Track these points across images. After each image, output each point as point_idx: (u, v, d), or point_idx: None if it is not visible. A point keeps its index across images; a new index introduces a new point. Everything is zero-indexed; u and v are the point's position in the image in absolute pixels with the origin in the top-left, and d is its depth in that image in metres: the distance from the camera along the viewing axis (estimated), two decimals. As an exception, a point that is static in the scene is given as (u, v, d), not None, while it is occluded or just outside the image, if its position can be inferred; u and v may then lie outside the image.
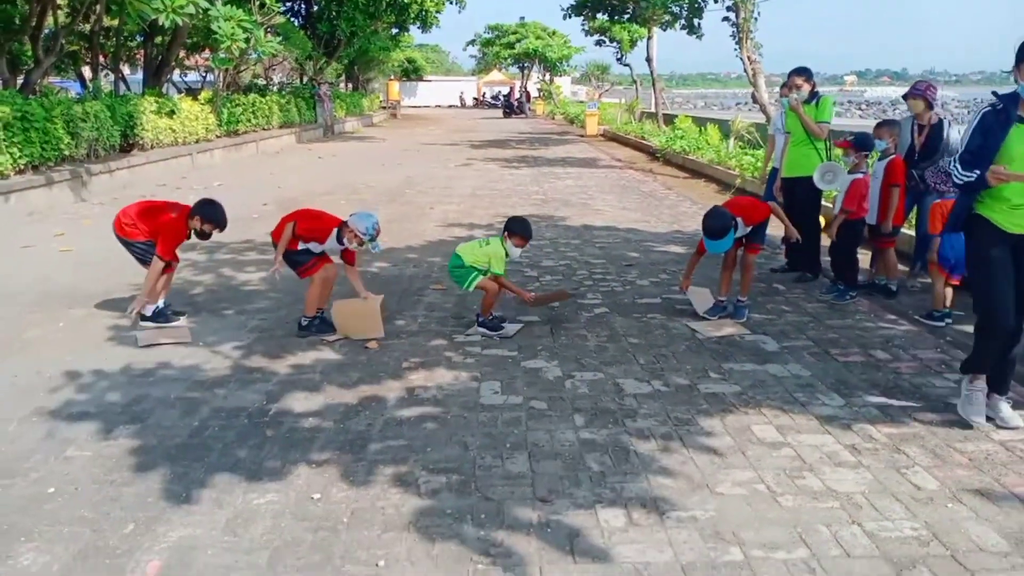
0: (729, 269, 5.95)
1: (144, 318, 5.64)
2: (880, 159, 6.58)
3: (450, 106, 65.16)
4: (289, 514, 3.22)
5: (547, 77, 58.61)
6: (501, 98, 57.05)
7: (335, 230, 5.38)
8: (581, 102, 40.35)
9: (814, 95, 7.06)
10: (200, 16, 13.96)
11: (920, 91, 6.71)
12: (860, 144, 6.33)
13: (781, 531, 3.07)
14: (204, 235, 5.65)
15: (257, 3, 18.34)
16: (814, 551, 2.94)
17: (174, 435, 3.95)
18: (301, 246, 5.43)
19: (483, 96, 66.53)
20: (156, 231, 5.57)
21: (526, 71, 61.74)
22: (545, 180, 15.09)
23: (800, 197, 7.04)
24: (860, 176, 6.35)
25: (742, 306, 5.91)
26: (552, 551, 2.95)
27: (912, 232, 7.32)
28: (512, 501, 3.30)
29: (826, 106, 7.06)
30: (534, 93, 56.53)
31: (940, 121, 6.66)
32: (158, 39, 20.18)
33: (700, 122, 20.95)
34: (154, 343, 5.29)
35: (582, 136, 28.87)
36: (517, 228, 5.52)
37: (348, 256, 5.57)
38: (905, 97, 6.92)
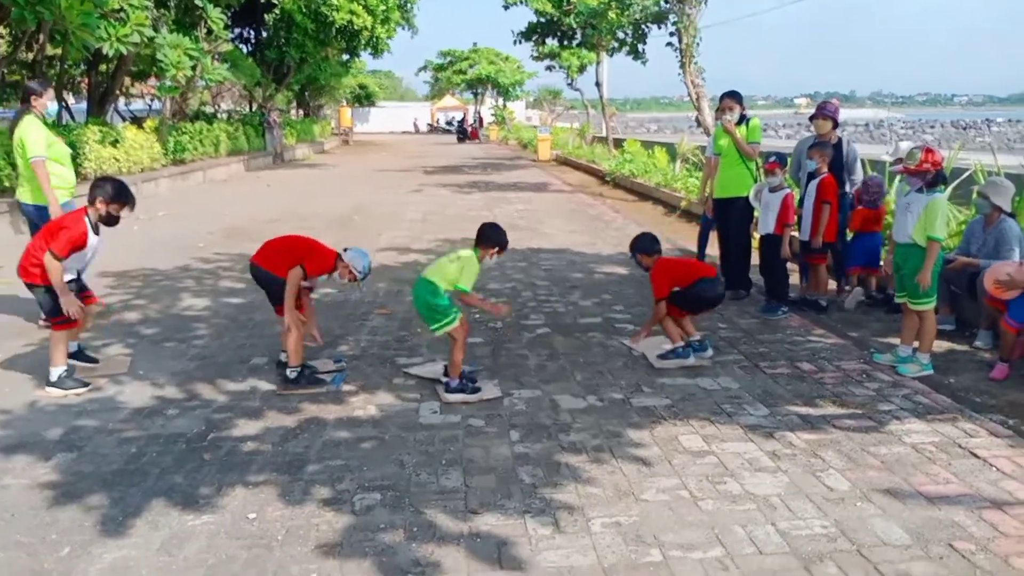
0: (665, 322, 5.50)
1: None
2: (811, 179, 6.87)
3: (404, 132, 65.36)
4: (224, 533, 3.28)
5: (500, 102, 59.21)
6: (455, 123, 57.41)
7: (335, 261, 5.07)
8: (534, 127, 40.79)
9: (743, 118, 7.35)
10: (145, 44, 13.97)
11: (830, 112, 7.14)
12: (784, 163, 6.66)
13: (699, 533, 3.22)
14: (112, 219, 5.00)
15: (204, 31, 18.36)
16: (729, 550, 3.09)
17: (111, 462, 3.97)
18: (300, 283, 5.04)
19: (437, 122, 66.88)
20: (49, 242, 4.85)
21: (479, 96, 62.36)
22: (496, 205, 15.27)
23: (734, 216, 7.30)
24: (788, 191, 6.64)
25: (681, 352, 5.40)
26: (480, 560, 3.05)
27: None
28: (444, 515, 3.40)
29: (755, 128, 7.36)
30: (488, 118, 57.04)
31: (840, 140, 7.09)
32: (103, 67, 20.02)
33: (648, 145, 21.39)
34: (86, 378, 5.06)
35: (535, 161, 29.21)
36: (492, 235, 4.93)
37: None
38: (812, 118, 7.29)
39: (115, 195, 4.95)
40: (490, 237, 4.91)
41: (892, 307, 6.56)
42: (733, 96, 7.42)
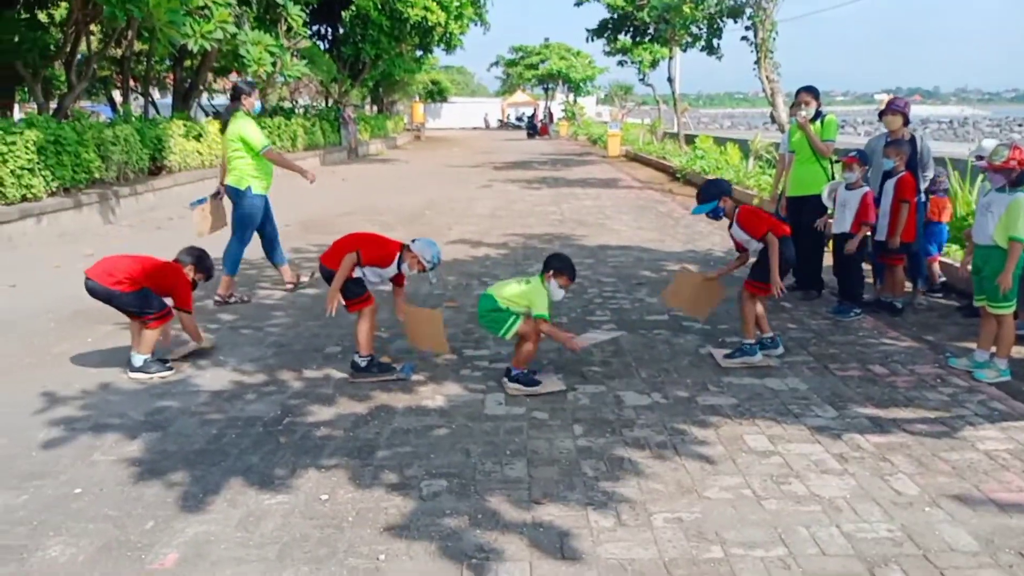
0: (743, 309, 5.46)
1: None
2: (889, 177, 6.71)
3: (474, 128, 65.80)
4: (298, 513, 3.43)
5: (571, 98, 59.09)
6: (525, 119, 57.54)
7: (398, 254, 5.12)
8: (605, 122, 40.63)
9: (819, 114, 7.22)
10: (228, 41, 14.47)
11: (900, 108, 6.94)
12: (864, 160, 6.50)
13: (762, 532, 3.22)
14: (193, 285, 5.65)
15: (284, 27, 18.88)
16: (791, 550, 3.09)
17: (193, 442, 4.18)
18: (357, 273, 5.06)
19: (507, 117, 67.14)
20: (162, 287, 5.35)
21: (550, 92, 62.33)
22: (564, 201, 15.31)
23: (807, 214, 7.18)
24: (867, 189, 6.49)
25: (748, 348, 5.37)
26: (542, 549, 3.12)
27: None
28: (508, 504, 3.48)
29: (831, 125, 7.22)
30: (558, 114, 57.01)
31: (913, 137, 6.87)
32: (187, 63, 20.76)
33: (721, 142, 21.11)
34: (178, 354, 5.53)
35: (604, 157, 29.11)
36: (560, 266, 4.83)
37: (398, 278, 5.33)
38: (882, 114, 7.10)
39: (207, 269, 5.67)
40: (558, 267, 4.83)
41: (969, 311, 6.38)
42: (809, 91, 7.30)
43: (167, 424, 4.41)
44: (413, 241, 5.18)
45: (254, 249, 7.69)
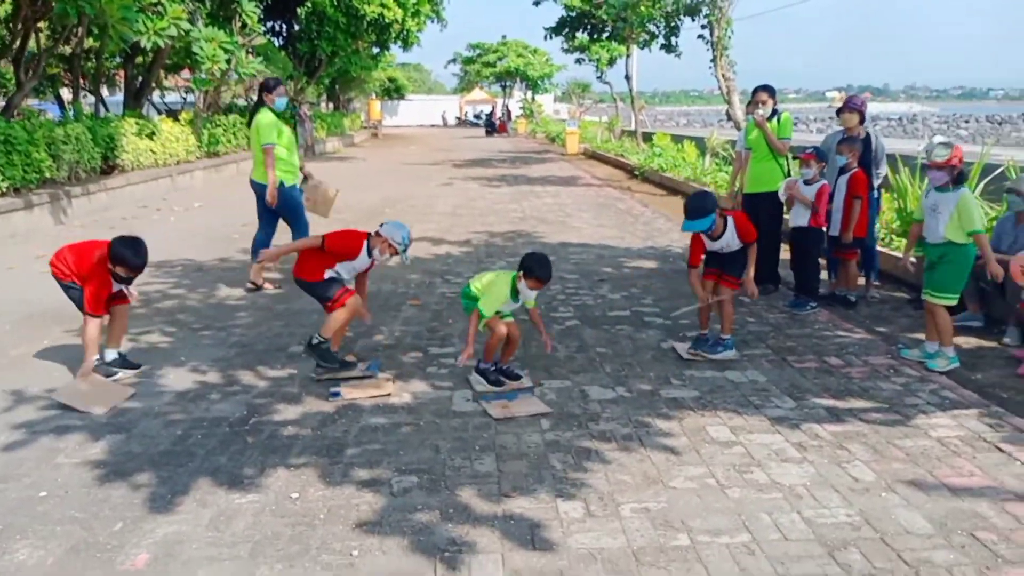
0: (705, 307, 5.58)
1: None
2: (842, 173, 6.89)
3: (432, 125, 65.61)
4: (269, 512, 3.43)
5: (529, 95, 59.22)
6: (483, 117, 57.53)
7: (364, 242, 5.05)
8: (563, 120, 40.81)
9: (775, 112, 7.38)
10: (181, 38, 14.24)
11: (857, 106, 7.14)
12: (821, 156, 6.68)
13: (726, 519, 3.32)
14: (125, 280, 5.03)
15: (239, 24, 18.62)
16: (755, 536, 3.19)
17: (158, 443, 4.15)
18: (328, 274, 4.99)
19: (465, 115, 67.04)
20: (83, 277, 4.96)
21: (508, 89, 62.39)
22: (524, 199, 15.37)
23: (764, 211, 7.32)
24: (825, 183, 6.66)
25: (724, 344, 5.49)
26: (514, 540, 3.18)
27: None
28: (478, 498, 3.53)
29: (787, 123, 7.38)
30: (516, 111, 57.10)
31: (868, 134, 7.07)
32: (139, 60, 20.37)
33: (678, 139, 21.37)
34: (70, 403, 4.61)
35: (563, 155, 29.24)
36: (535, 269, 4.71)
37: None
38: (839, 112, 7.29)
39: (121, 259, 4.83)
40: (533, 270, 4.72)
41: (919, 304, 6.60)
42: (766, 90, 7.44)
43: (131, 426, 4.37)
44: (381, 225, 5.09)
45: (195, 248, 7.61)
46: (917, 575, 2.94)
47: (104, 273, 4.87)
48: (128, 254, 4.83)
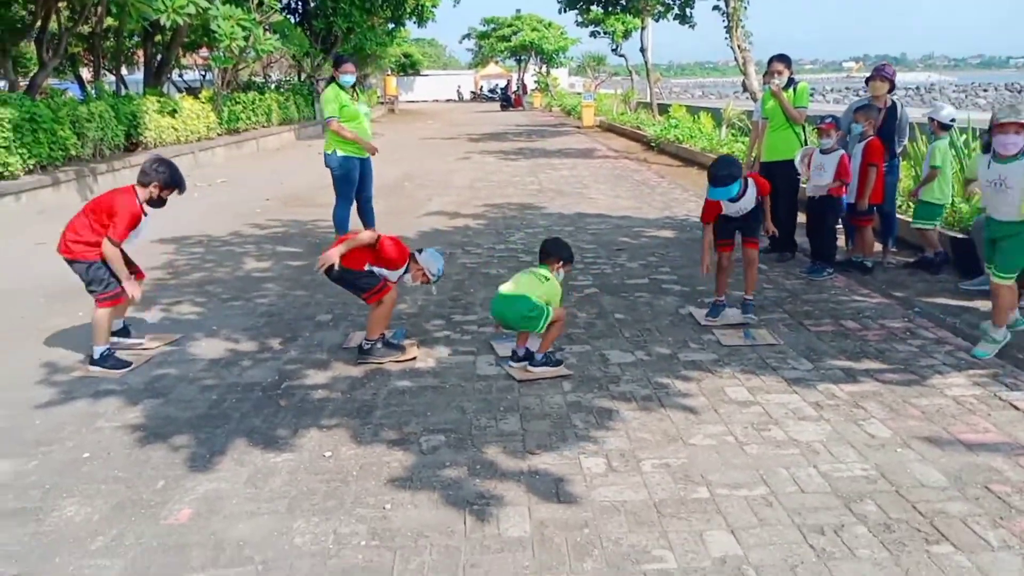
0: (724, 271, 5.64)
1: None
2: (859, 141, 6.91)
3: (448, 100, 65.39)
4: (304, 469, 3.58)
5: (544, 69, 58.87)
6: (498, 91, 57.28)
7: (407, 262, 4.99)
8: (578, 93, 40.61)
9: (791, 81, 7.39)
10: (200, 15, 14.33)
11: (888, 75, 7.12)
12: (840, 126, 6.71)
13: (744, 474, 3.43)
14: (162, 202, 5.00)
15: (255, 2, 18.66)
16: (772, 488, 3.30)
17: (194, 407, 4.31)
18: (367, 267, 4.90)
19: (480, 89, 66.75)
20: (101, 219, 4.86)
21: (523, 63, 62.02)
22: (541, 171, 15.42)
23: (781, 180, 7.35)
24: (843, 152, 6.69)
25: (749, 303, 5.59)
26: (539, 494, 3.31)
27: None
28: (504, 455, 3.66)
29: (803, 92, 7.40)
30: (531, 85, 56.79)
31: (894, 103, 7.07)
32: (158, 39, 20.48)
33: (694, 111, 21.27)
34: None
35: (579, 127, 29.16)
36: (564, 253, 4.85)
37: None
38: (869, 80, 7.28)
39: (170, 180, 4.92)
40: (550, 252, 4.80)
41: (923, 264, 6.88)
42: (782, 59, 7.46)
43: (167, 391, 4.53)
44: (420, 251, 5.04)
45: (219, 223, 7.73)
46: (931, 524, 3.04)
47: (134, 205, 4.84)
48: (172, 170, 4.98)
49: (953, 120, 7.07)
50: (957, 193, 7.39)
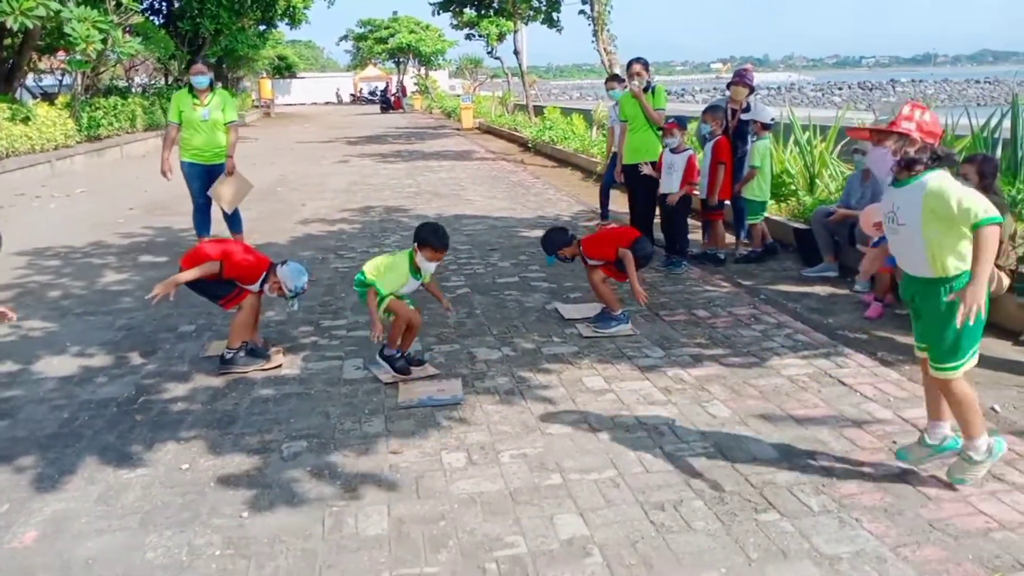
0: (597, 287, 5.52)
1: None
2: (708, 140, 7.31)
3: (326, 103, 64.26)
4: (158, 484, 3.52)
5: (423, 71, 58.72)
6: (378, 93, 56.74)
7: (264, 273, 4.82)
8: (458, 96, 40.70)
9: (649, 84, 7.67)
10: (51, 18, 13.60)
11: (748, 80, 7.52)
12: (683, 125, 7.07)
13: (596, 458, 3.61)
14: None
15: (113, 3, 17.85)
16: (620, 471, 3.49)
17: (44, 427, 4.15)
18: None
19: (360, 92, 65.93)
20: None
21: (401, 66, 61.66)
22: (419, 173, 15.44)
23: (642, 181, 7.57)
24: (692, 151, 7.06)
25: (616, 319, 5.47)
26: (400, 491, 3.38)
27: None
28: (366, 456, 3.71)
29: (661, 94, 7.69)
30: (411, 88, 56.54)
31: (748, 105, 7.50)
32: (7, 42, 19.28)
33: (568, 112, 21.74)
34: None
35: (458, 130, 29.30)
36: (429, 238, 4.52)
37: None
38: (730, 85, 7.69)
39: None
40: (426, 238, 4.54)
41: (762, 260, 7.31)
42: (640, 62, 7.66)
43: (15, 412, 4.33)
44: (282, 263, 4.87)
45: (78, 234, 7.42)
46: (761, 495, 3.29)
47: None
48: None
49: (773, 119, 7.58)
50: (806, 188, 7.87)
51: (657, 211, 7.51)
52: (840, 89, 65.50)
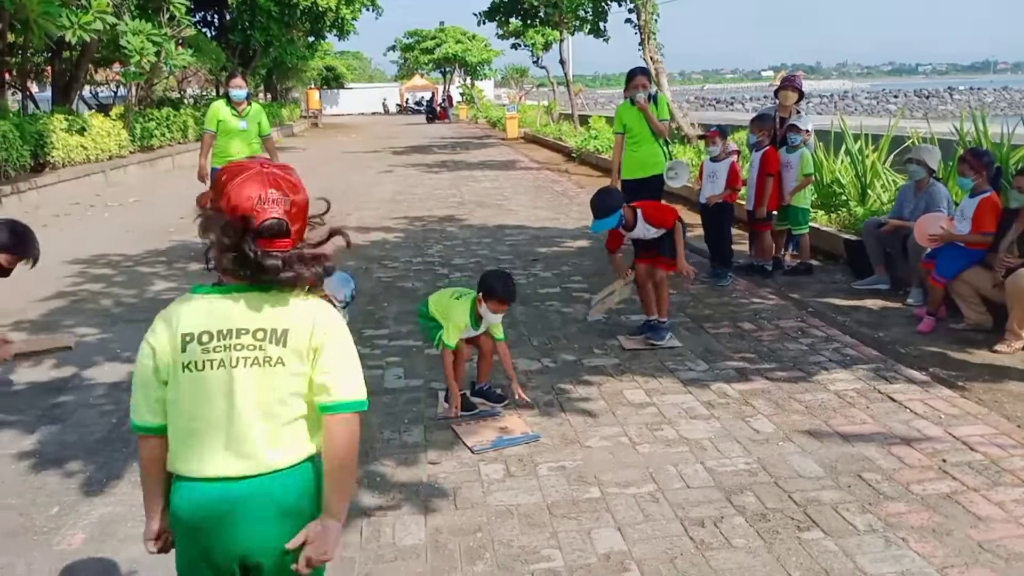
0: (643, 287, 5.46)
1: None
2: (755, 151, 7.22)
3: (373, 113, 65.04)
4: (202, 489, 3.57)
5: (469, 81, 59.12)
6: (424, 103, 57.26)
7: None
8: (503, 105, 40.92)
9: (651, 96, 7.19)
10: (108, 31, 14.01)
11: (797, 85, 7.45)
12: (726, 134, 7.00)
13: (635, 472, 3.58)
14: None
15: (166, 16, 18.32)
16: (660, 485, 3.45)
17: (94, 432, 4.24)
18: None
19: (406, 102, 66.60)
20: None
21: (448, 76, 62.17)
22: (463, 183, 15.52)
23: (650, 195, 6.74)
24: (733, 160, 6.98)
25: (660, 327, 5.38)
26: (437, 501, 3.39)
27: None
28: (405, 466, 3.72)
29: (664, 104, 7.33)
30: (457, 98, 56.95)
31: (799, 112, 7.40)
32: (66, 55, 19.90)
33: (612, 121, 21.69)
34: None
35: (503, 139, 29.38)
36: (495, 287, 4.13)
37: None
38: (779, 90, 7.60)
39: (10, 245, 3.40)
40: (493, 290, 4.14)
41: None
42: (644, 73, 7.35)
43: (66, 417, 4.45)
44: (327, 274, 4.72)
45: (130, 243, 7.60)
46: (804, 512, 3.22)
47: None
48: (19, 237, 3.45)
49: (809, 131, 7.49)
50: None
51: (699, 220, 7.42)
52: (895, 97, 64.27)
